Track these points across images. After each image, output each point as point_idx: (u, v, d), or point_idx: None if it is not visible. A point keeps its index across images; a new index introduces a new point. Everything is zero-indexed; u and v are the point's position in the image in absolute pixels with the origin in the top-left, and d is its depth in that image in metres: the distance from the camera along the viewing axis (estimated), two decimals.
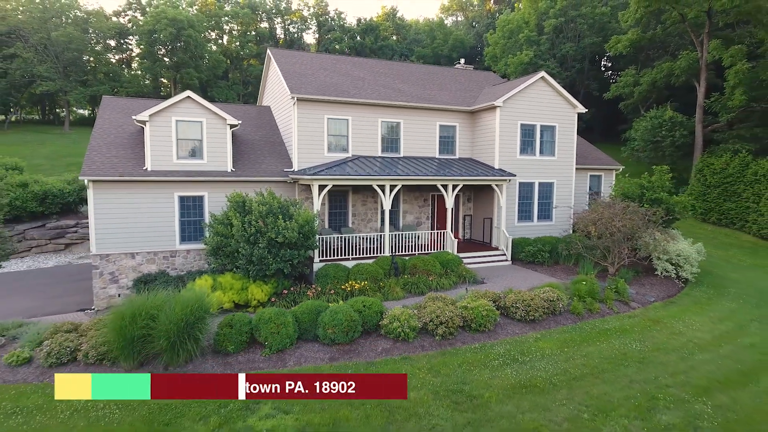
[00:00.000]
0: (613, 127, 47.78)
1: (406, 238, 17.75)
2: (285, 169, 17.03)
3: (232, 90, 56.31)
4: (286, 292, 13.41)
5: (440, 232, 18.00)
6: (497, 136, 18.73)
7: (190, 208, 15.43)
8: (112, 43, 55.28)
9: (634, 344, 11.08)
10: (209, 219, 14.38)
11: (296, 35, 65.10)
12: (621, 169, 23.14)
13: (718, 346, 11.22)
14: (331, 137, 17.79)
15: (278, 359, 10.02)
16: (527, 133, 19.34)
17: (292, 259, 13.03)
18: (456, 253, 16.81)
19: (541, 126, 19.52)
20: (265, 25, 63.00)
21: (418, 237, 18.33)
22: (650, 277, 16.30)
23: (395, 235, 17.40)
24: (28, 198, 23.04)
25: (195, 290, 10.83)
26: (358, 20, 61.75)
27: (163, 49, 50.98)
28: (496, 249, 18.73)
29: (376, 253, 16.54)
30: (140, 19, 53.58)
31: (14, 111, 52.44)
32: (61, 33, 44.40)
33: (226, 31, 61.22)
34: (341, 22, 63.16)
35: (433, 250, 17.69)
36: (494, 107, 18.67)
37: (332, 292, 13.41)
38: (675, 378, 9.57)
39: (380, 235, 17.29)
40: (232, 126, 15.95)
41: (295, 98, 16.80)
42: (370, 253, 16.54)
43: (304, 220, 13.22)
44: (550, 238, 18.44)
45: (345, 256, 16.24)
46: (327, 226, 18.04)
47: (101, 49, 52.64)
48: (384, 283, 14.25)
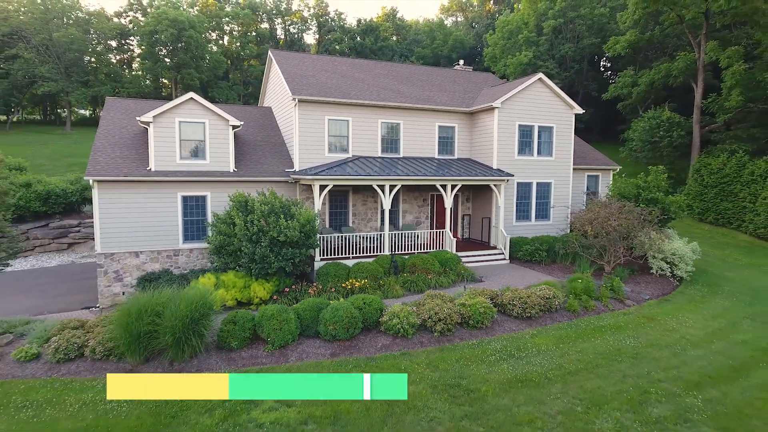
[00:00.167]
0: (612, 128, 47.99)
1: (405, 237, 18.01)
2: (286, 170, 17.27)
3: (233, 90, 56.52)
4: (287, 290, 13.65)
5: (439, 232, 18.25)
6: (495, 137, 18.97)
7: (193, 207, 15.69)
8: (113, 44, 55.53)
9: (628, 340, 11.33)
10: (212, 218, 14.62)
11: (296, 36, 65.34)
12: (618, 169, 23.37)
13: (711, 343, 11.47)
14: (331, 138, 18.03)
15: (280, 355, 10.26)
16: (525, 133, 19.58)
17: (294, 257, 13.28)
18: (455, 252, 17.06)
19: (539, 127, 19.76)
20: (266, 25, 63.25)
21: (418, 236, 18.57)
22: (646, 276, 16.55)
23: (395, 235, 17.64)
24: (32, 198, 23.28)
25: (199, 288, 11.06)
26: (358, 21, 61.98)
27: (164, 49, 51.19)
28: (495, 248, 18.98)
29: (376, 252, 16.79)
30: (141, 19, 53.83)
31: (16, 111, 52.65)
32: (63, 34, 44.62)
33: (227, 32, 61.45)
34: (341, 23, 63.40)
35: (432, 249, 17.94)
36: (492, 108, 18.92)
37: (333, 290, 13.66)
38: (667, 373, 9.82)
39: (380, 235, 17.55)
40: (234, 127, 16.20)
41: (297, 99, 17.05)
42: (370, 252, 16.79)
43: (306, 219, 13.46)
44: (547, 237, 18.68)
45: (345, 254, 16.49)
46: (328, 225, 18.29)
47: (102, 50, 52.89)
48: (384, 282, 14.49)
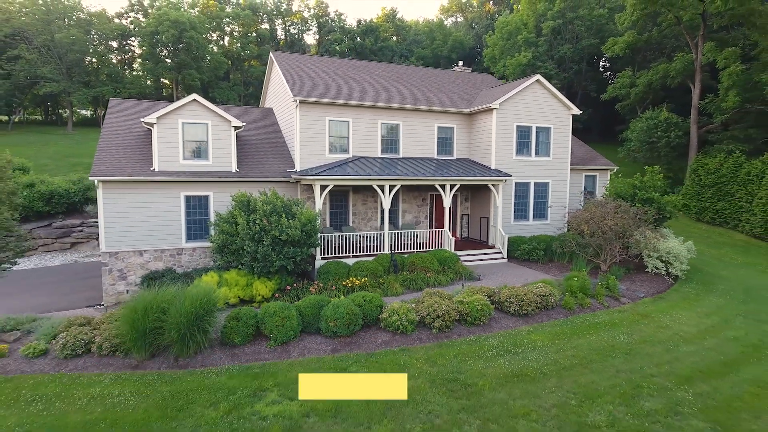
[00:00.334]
0: (611, 128, 48.26)
1: (405, 236, 18.26)
2: (287, 170, 17.52)
3: (233, 91, 56.75)
4: (289, 288, 13.91)
5: (438, 231, 18.52)
6: (494, 138, 19.23)
7: (196, 207, 15.94)
8: (114, 45, 55.76)
9: (622, 337, 11.59)
10: (215, 218, 14.88)
11: (297, 36, 65.59)
12: (615, 170, 23.61)
13: (703, 339, 11.72)
14: (332, 138, 18.29)
15: (283, 351, 10.52)
16: (523, 134, 19.83)
17: (295, 256, 13.53)
18: (453, 251, 17.31)
19: (537, 127, 20.02)
20: (266, 26, 63.48)
21: (417, 235, 18.83)
22: (641, 274, 16.80)
23: (394, 234, 17.90)
24: (35, 198, 23.52)
25: (203, 286, 11.30)
26: (358, 21, 62.20)
27: (165, 50, 51.44)
28: (493, 247, 19.23)
29: (376, 251, 17.05)
30: (142, 20, 54.08)
31: (17, 112, 52.90)
32: (65, 35, 44.81)
33: (228, 33, 61.70)
34: (341, 24, 63.64)
35: (431, 248, 18.19)
36: (491, 109, 19.17)
37: (334, 288, 13.92)
38: (659, 368, 10.07)
39: (380, 234, 17.81)
40: (236, 128, 16.45)
41: (298, 101, 17.30)
42: (370, 251, 17.05)
43: (307, 218, 13.71)
44: (545, 236, 18.93)
45: (346, 253, 16.74)
46: (328, 224, 18.54)
47: (103, 51, 53.10)
48: (383, 280, 14.75)
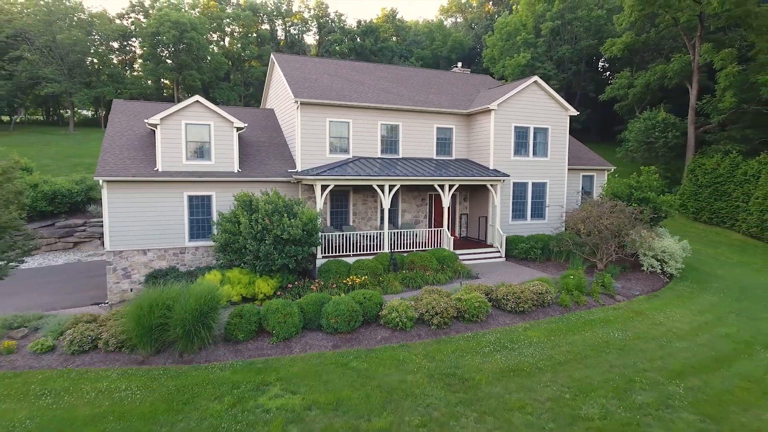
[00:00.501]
0: (609, 128, 48.56)
1: (404, 235, 18.52)
2: (289, 170, 17.78)
3: (234, 91, 57.02)
4: (290, 286, 14.16)
5: (437, 230, 18.78)
6: (492, 138, 19.49)
7: (199, 207, 16.20)
8: (115, 45, 56.00)
9: (617, 333, 11.85)
10: (218, 217, 15.14)
11: (297, 37, 65.87)
12: (613, 170, 23.88)
13: (696, 336, 11.98)
14: (332, 139, 18.54)
15: (285, 346, 10.78)
16: (521, 135, 20.09)
17: (297, 255, 13.79)
18: (452, 250, 17.57)
19: (535, 128, 20.28)
20: (266, 26, 63.77)
21: (416, 235, 19.08)
22: (637, 273, 17.06)
23: (394, 233, 18.16)
24: (38, 198, 23.79)
25: (206, 283, 11.55)
26: (358, 22, 62.47)
27: (165, 51, 51.71)
28: (491, 246, 19.49)
29: (376, 250, 17.32)
30: (143, 21, 54.34)
31: (19, 112, 53.14)
32: (66, 36, 45.07)
33: (228, 33, 61.98)
34: (341, 24, 63.92)
35: (430, 247, 18.45)
36: (489, 110, 19.43)
37: (334, 286, 14.17)
38: (652, 363, 10.34)
39: (380, 233, 18.08)
40: (238, 129, 16.71)
41: (299, 102, 17.56)
42: (370, 250, 17.31)
43: (308, 218, 13.97)
44: (542, 236, 19.20)
45: (346, 252, 17.00)
46: (329, 224, 18.80)
47: (104, 51, 53.35)
48: (383, 278, 15.01)
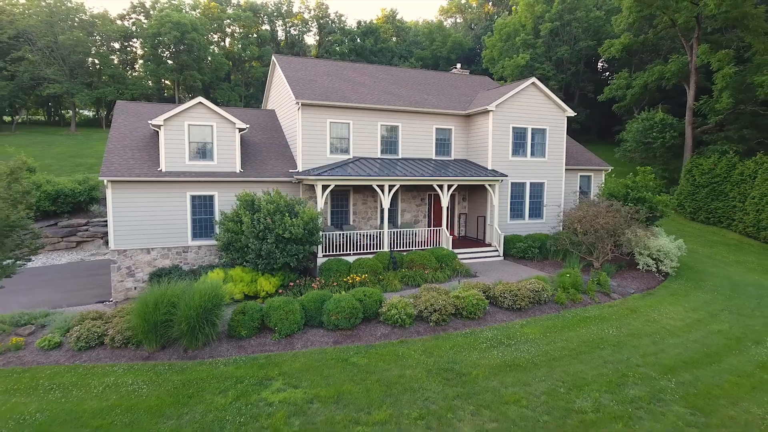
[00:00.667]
0: (608, 128, 48.86)
1: (404, 234, 18.78)
2: (290, 170, 18.04)
3: (234, 91, 57.28)
4: (292, 285, 14.43)
5: (436, 230, 19.05)
6: (490, 139, 19.74)
7: (202, 206, 16.46)
8: (117, 46, 56.25)
9: (611, 330, 12.12)
10: (220, 216, 15.39)
11: (297, 37, 66.12)
12: (610, 170, 24.13)
13: (688, 332, 12.25)
14: (333, 140, 18.80)
15: (287, 343, 11.04)
16: (519, 135, 20.35)
17: (298, 253, 14.05)
18: (451, 249, 17.82)
19: (532, 129, 20.54)
20: (267, 27, 64.03)
21: (416, 234, 19.34)
22: (632, 271, 17.33)
23: (394, 232, 18.42)
24: (42, 197, 24.01)
25: (210, 281, 11.82)
26: (359, 23, 62.73)
27: (166, 51, 51.96)
28: (489, 245, 19.75)
29: (376, 249, 17.58)
30: (144, 22, 54.59)
31: (20, 112, 53.39)
32: (68, 36, 45.29)
33: (229, 34, 62.24)
34: (342, 25, 64.18)
35: (430, 246, 18.71)
36: (487, 111, 19.69)
37: (335, 285, 14.43)
38: (645, 359, 10.60)
39: (380, 232, 18.34)
40: (240, 129, 16.96)
41: (300, 103, 17.81)
42: (370, 249, 17.58)
43: (309, 217, 14.23)
44: (540, 235, 19.46)
45: (346, 251, 17.26)
46: (330, 223, 19.07)
47: (105, 52, 53.59)
48: (383, 276, 15.28)
